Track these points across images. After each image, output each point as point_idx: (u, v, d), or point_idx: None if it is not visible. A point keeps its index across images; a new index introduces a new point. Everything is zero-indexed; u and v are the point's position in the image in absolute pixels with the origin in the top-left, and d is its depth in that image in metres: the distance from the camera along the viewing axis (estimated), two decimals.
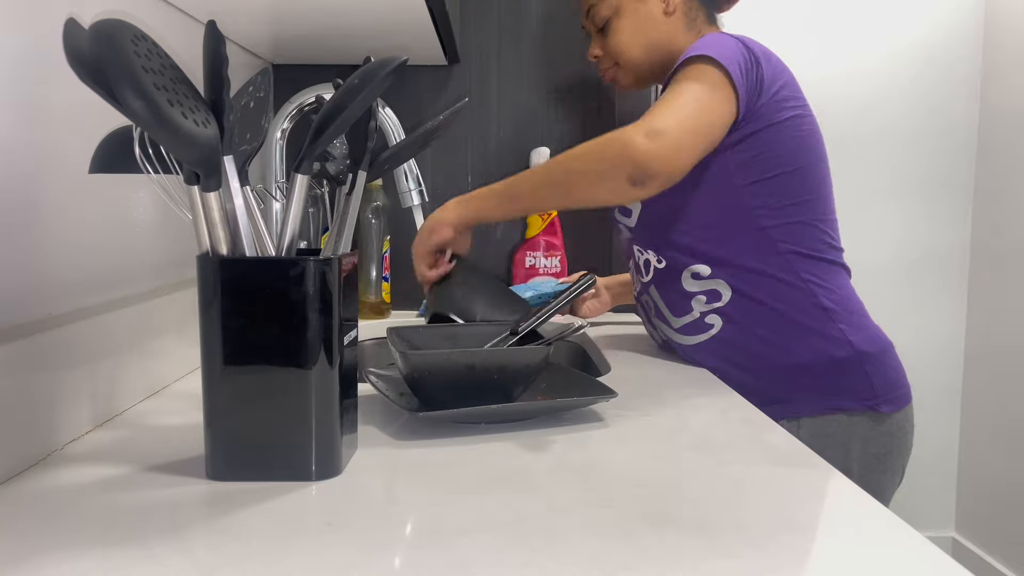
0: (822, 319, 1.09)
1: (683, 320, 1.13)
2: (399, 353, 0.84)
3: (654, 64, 1.20)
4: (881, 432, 1.10)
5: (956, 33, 2.23)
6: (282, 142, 1.39)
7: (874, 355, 1.11)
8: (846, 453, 1.09)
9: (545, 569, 0.52)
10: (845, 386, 1.09)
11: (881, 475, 1.11)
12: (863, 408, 1.09)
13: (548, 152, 1.61)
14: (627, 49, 1.20)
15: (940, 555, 0.54)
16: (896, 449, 1.12)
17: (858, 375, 1.09)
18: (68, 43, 0.59)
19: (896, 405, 1.11)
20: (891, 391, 1.11)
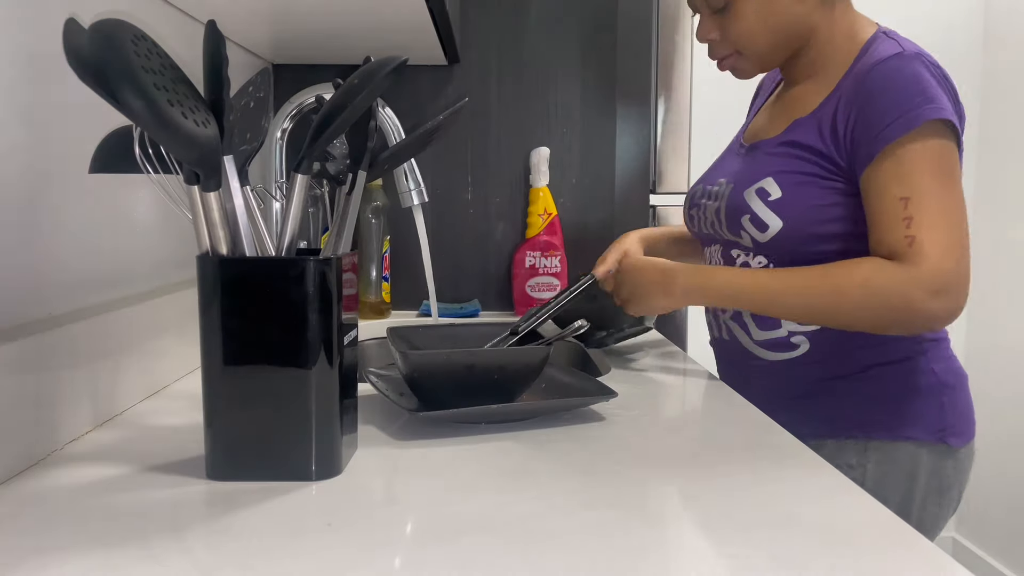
0: (913, 349, 1.05)
1: (767, 335, 1.07)
2: (399, 353, 0.84)
3: (783, 50, 1.08)
4: (946, 465, 1.05)
5: (956, 33, 2.23)
6: (282, 142, 1.39)
7: (952, 387, 1.06)
8: (911, 483, 1.04)
9: (545, 569, 0.52)
10: (920, 415, 1.04)
11: (938, 508, 1.07)
12: (933, 440, 1.04)
13: (548, 152, 1.61)
14: (755, 37, 1.05)
15: (940, 555, 0.54)
16: (957, 483, 1.08)
17: (934, 406, 1.05)
18: (68, 43, 0.59)
19: (964, 439, 1.07)
20: (961, 424, 1.07)
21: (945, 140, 0.95)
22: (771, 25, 1.05)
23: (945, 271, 0.92)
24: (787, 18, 1.05)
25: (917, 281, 0.92)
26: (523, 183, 1.65)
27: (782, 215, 1.02)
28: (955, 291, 0.93)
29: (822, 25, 1.06)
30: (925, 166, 0.94)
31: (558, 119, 1.65)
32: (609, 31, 1.62)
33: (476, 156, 1.64)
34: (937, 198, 0.94)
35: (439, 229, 1.63)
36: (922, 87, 0.95)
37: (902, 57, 0.98)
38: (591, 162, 1.65)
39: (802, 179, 1.02)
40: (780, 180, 1.03)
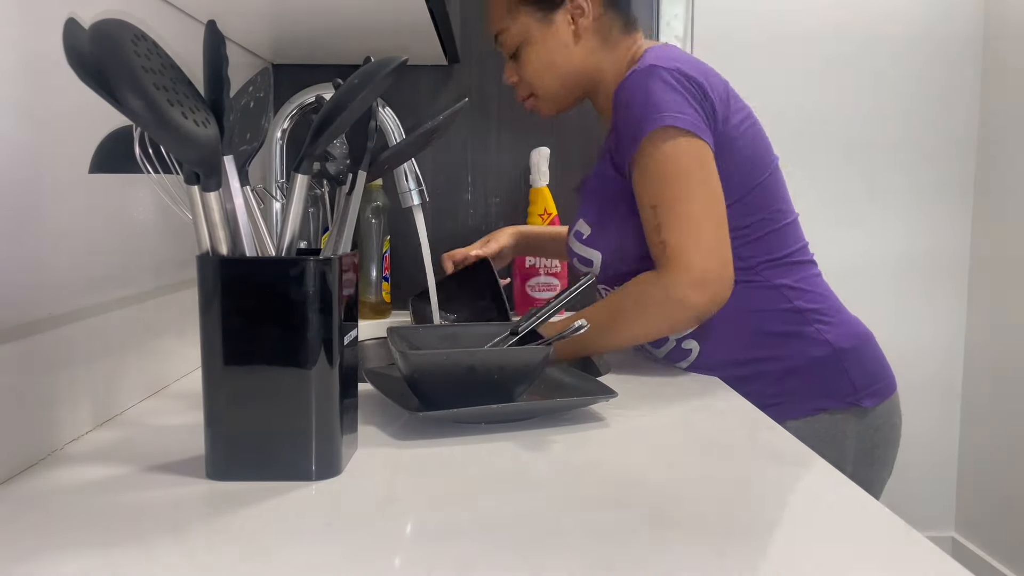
0: (798, 321, 1.08)
1: (663, 350, 1.12)
2: (399, 353, 0.84)
3: (574, 91, 1.15)
4: (866, 427, 1.09)
5: (956, 33, 2.23)
6: (282, 142, 1.39)
7: (851, 350, 1.09)
8: (838, 452, 1.07)
9: (545, 569, 0.52)
10: (826, 385, 1.08)
11: (869, 469, 1.10)
12: (845, 405, 1.08)
13: (548, 152, 1.61)
14: (541, 80, 1.14)
15: (940, 555, 0.54)
16: (883, 442, 1.11)
17: (836, 372, 1.08)
18: (68, 43, 0.59)
19: (878, 397, 1.10)
20: (871, 384, 1.10)
21: (680, 142, 0.99)
22: (554, 68, 1.13)
23: (695, 266, 0.98)
24: (567, 61, 1.12)
25: (675, 282, 0.99)
26: (523, 183, 1.65)
27: (598, 248, 1.10)
28: (712, 281, 0.99)
29: (606, 64, 1.13)
30: (661, 171, 1.00)
31: (558, 119, 1.65)
32: None
33: (476, 156, 1.64)
34: (678, 199, 0.99)
35: (439, 229, 1.63)
36: (646, 98, 1.00)
37: (635, 73, 1.03)
38: (591, 162, 1.65)
39: (606, 210, 1.10)
40: (589, 219, 1.12)
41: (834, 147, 2.22)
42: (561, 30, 1.11)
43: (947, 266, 2.31)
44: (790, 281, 1.09)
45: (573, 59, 1.12)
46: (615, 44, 1.13)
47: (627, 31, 1.14)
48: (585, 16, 1.10)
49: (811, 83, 2.19)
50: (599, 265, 1.11)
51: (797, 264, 1.11)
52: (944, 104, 2.25)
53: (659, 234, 1.00)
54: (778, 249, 1.09)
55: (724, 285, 0.99)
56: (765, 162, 1.09)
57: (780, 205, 1.10)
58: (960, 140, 2.28)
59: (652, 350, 1.14)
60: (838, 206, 2.21)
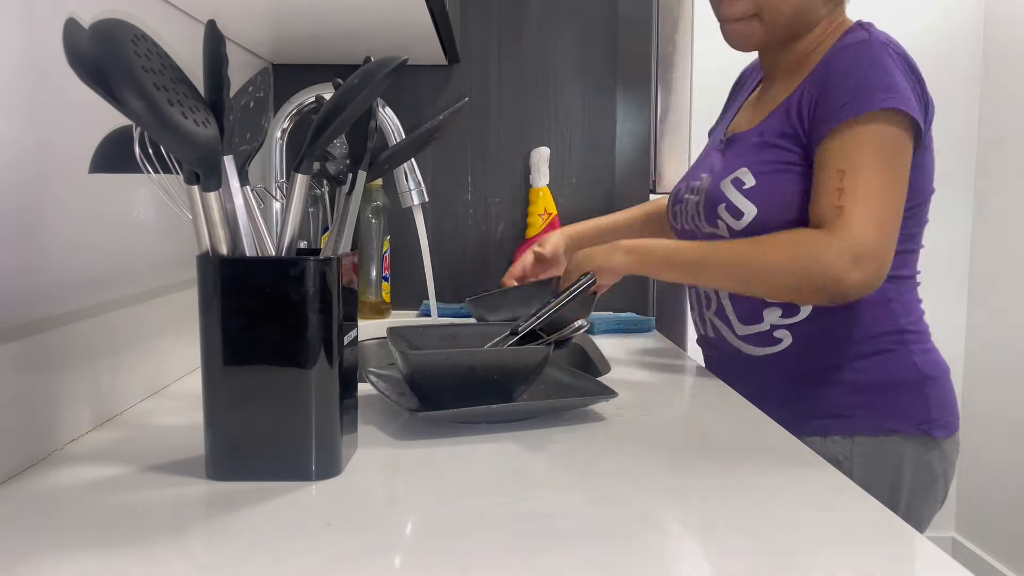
0: (896, 340, 1.06)
1: (750, 329, 1.08)
2: (399, 353, 0.84)
3: (794, 27, 1.08)
4: (932, 458, 1.06)
5: (956, 33, 2.23)
6: (282, 142, 1.38)
7: (935, 379, 1.07)
8: (898, 477, 1.05)
9: (545, 569, 0.52)
10: (904, 408, 1.05)
11: (924, 501, 1.07)
12: (917, 432, 1.05)
13: (548, 152, 1.61)
14: (781, 3, 1.06)
15: (940, 555, 0.54)
16: (943, 476, 1.08)
17: (918, 398, 1.06)
18: (68, 43, 0.59)
19: (948, 431, 1.08)
20: (944, 416, 1.07)
21: (896, 128, 0.97)
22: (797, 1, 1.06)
23: (865, 242, 0.94)
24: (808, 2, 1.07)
25: (837, 248, 0.94)
26: (523, 183, 1.65)
27: (756, 202, 1.04)
28: (874, 262, 0.95)
29: (823, 20, 1.08)
30: (868, 145, 0.97)
31: (558, 119, 1.65)
32: (609, 31, 1.62)
33: (476, 156, 1.64)
34: (872, 174, 0.96)
35: (439, 229, 1.63)
36: (881, 73, 0.98)
37: (867, 43, 1.01)
38: (591, 162, 1.65)
39: (775, 167, 1.05)
40: (755, 169, 1.06)
41: None
42: None
43: (947, 266, 2.31)
44: (900, 299, 1.07)
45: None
46: (834, 5, 1.09)
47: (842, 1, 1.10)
48: None
49: None
50: (749, 220, 1.05)
51: (910, 281, 1.09)
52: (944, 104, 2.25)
53: (839, 199, 0.95)
54: (905, 267, 1.07)
55: (881, 271, 0.95)
56: (932, 177, 1.07)
57: (921, 229, 1.08)
58: (960, 140, 2.27)
59: (735, 323, 1.10)
60: None
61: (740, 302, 1.09)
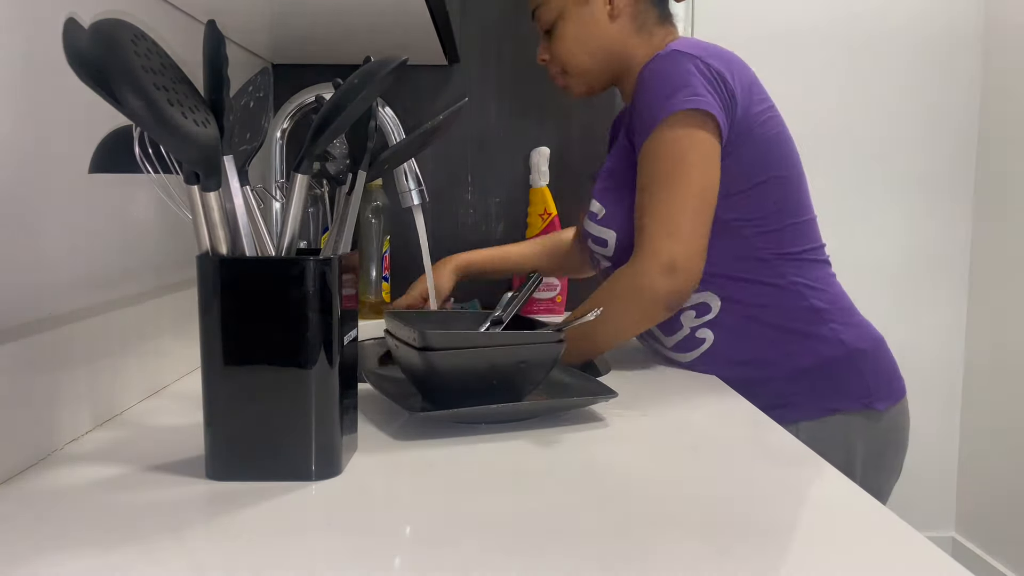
0: (814, 320, 1.08)
1: (675, 338, 1.11)
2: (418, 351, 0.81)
3: (604, 71, 1.15)
4: (879, 429, 1.09)
5: (956, 32, 2.23)
6: (282, 142, 1.38)
7: (867, 352, 1.10)
8: (848, 454, 1.07)
9: (545, 569, 0.52)
10: (840, 386, 1.08)
11: (879, 472, 1.10)
12: (859, 407, 1.08)
13: (548, 152, 1.61)
14: (573, 56, 1.14)
15: (940, 555, 0.54)
16: (894, 445, 1.11)
17: (852, 374, 1.09)
18: (68, 43, 0.59)
19: (891, 400, 1.10)
20: (885, 387, 1.10)
21: (686, 128, 1.00)
22: (589, 47, 1.13)
23: (664, 251, 0.99)
24: (602, 41, 1.12)
25: (644, 269, 1.00)
26: (523, 183, 1.65)
27: (612, 227, 1.10)
28: (679, 269, 0.99)
29: (638, 50, 1.13)
30: (657, 156, 1.02)
31: (558, 119, 1.65)
32: None
33: (476, 156, 1.64)
34: (664, 185, 1.00)
35: (439, 229, 1.63)
36: (665, 83, 1.02)
37: (657, 58, 1.04)
38: (591, 162, 1.65)
39: (619, 190, 1.10)
40: (601, 198, 1.11)
41: (834, 147, 2.23)
42: (597, 8, 1.12)
43: (947, 266, 2.31)
44: (806, 279, 1.09)
45: (606, 37, 1.12)
46: (650, 32, 1.13)
47: (662, 23, 1.14)
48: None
49: (811, 83, 2.19)
50: (614, 244, 1.10)
51: (813, 262, 1.11)
52: (944, 104, 2.25)
53: (640, 218, 1.02)
54: (793, 244, 1.09)
55: (691, 274, 1.00)
56: (784, 155, 1.09)
57: (798, 200, 1.10)
58: (960, 140, 2.27)
59: (663, 337, 1.13)
60: (838, 206, 2.21)
61: None
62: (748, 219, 1.06)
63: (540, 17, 1.16)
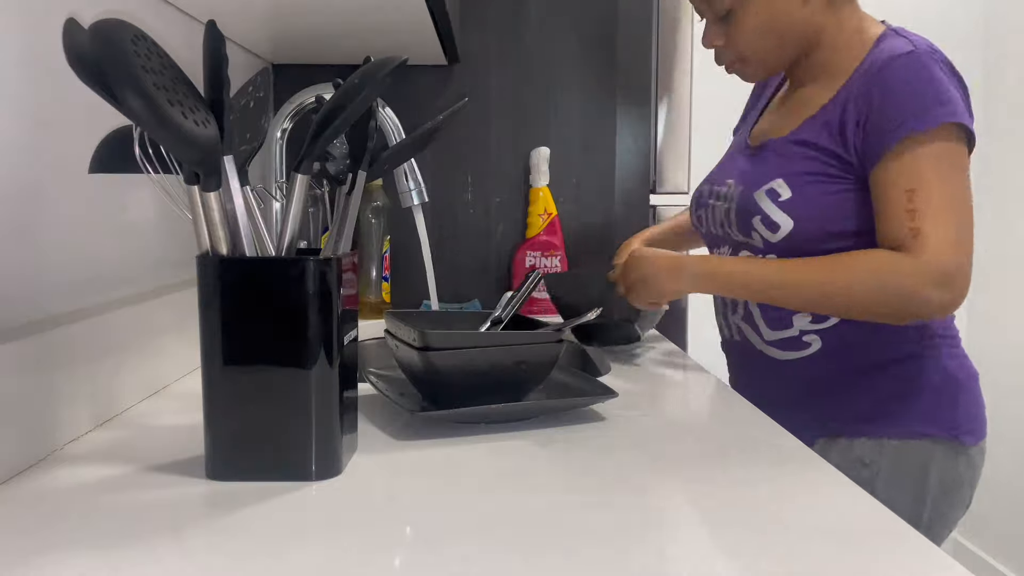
0: (927, 345, 1.05)
1: (778, 334, 1.07)
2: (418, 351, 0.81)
3: (789, 54, 1.07)
4: (958, 463, 1.05)
5: (956, 33, 2.23)
6: (282, 142, 1.38)
7: (964, 384, 1.06)
8: (923, 481, 1.04)
9: (545, 569, 0.52)
10: (933, 412, 1.04)
11: (949, 508, 1.06)
12: (946, 437, 1.04)
13: (548, 152, 1.61)
14: (758, 43, 1.05)
15: (940, 555, 0.54)
16: (968, 482, 1.07)
17: (947, 403, 1.05)
18: (68, 43, 0.59)
19: (976, 437, 1.07)
20: (973, 422, 1.07)
21: (956, 143, 0.96)
22: (775, 31, 1.05)
23: (947, 263, 0.93)
24: (790, 23, 1.04)
25: (920, 271, 0.93)
26: (523, 183, 1.65)
27: (793, 215, 1.02)
28: (957, 283, 0.94)
29: (829, 26, 1.05)
30: (933, 162, 0.95)
31: (558, 119, 1.65)
32: (609, 31, 1.62)
33: (476, 156, 1.64)
34: (942, 192, 0.95)
35: (439, 229, 1.63)
36: (936, 87, 0.96)
37: (915, 55, 0.98)
38: (591, 162, 1.65)
39: (812, 178, 1.02)
40: (790, 181, 1.03)
41: None
42: None
43: None
44: None
45: (797, 20, 1.04)
46: (839, 7, 1.05)
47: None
48: None
49: None
50: (786, 233, 1.02)
51: None
52: None
53: (912, 220, 0.94)
54: None
55: (964, 290, 0.94)
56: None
57: None
58: None
59: (763, 328, 1.08)
60: None
61: (769, 307, 1.07)
62: None
63: (714, 3, 1.05)
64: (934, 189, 0.94)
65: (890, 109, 0.97)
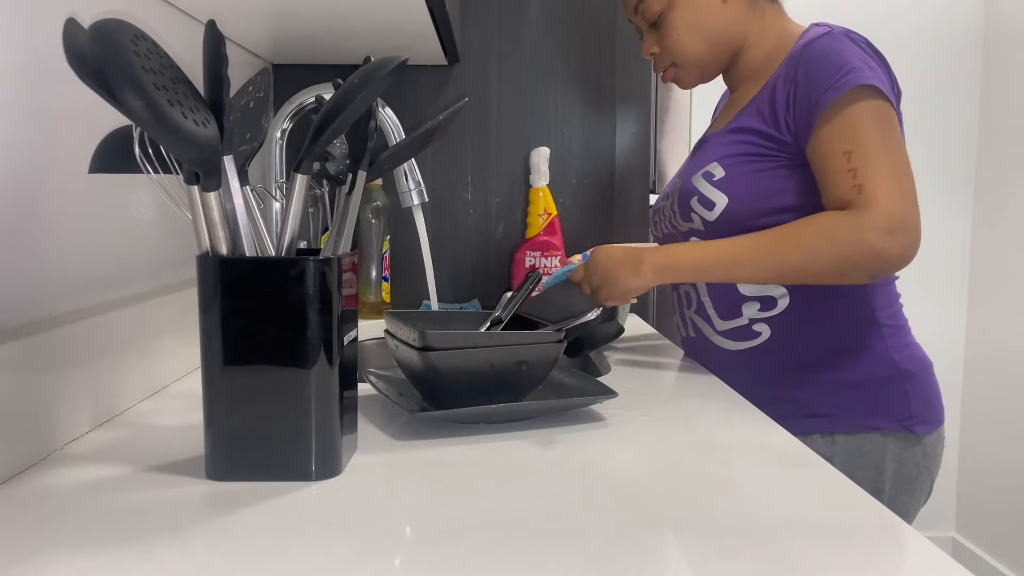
0: (872, 334, 1.06)
1: (729, 324, 1.09)
2: (418, 351, 0.81)
3: (719, 57, 1.12)
4: (914, 453, 1.07)
5: (956, 33, 2.23)
6: (282, 142, 1.39)
7: (915, 374, 1.08)
8: (879, 474, 1.05)
9: (545, 569, 0.52)
10: (883, 405, 1.06)
11: (909, 497, 1.08)
12: (898, 428, 1.06)
13: (548, 152, 1.61)
14: (687, 45, 1.10)
15: (940, 555, 0.54)
16: (926, 471, 1.09)
17: (897, 394, 1.06)
18: (68, 43, 0.59)
19: (930, 426, 1.08)
20: (927, 412, 1.08)
21: (877, 100, 0.99)
22: (702, 35, 1.10)
23: (896, 211, 0.95)
24: (716, 27, 1.10)
25: (871, 223, 0.94)
26: (523, 183, 1.65)
27: (727, 191, 1.06)
28: (909, 229, 0.95)
29: (753, 30, 1.11)
30: (861, 122, 0.98)
31: (558, 119, 1.65)
32: (609, 31, 1.62)
33: (476, 156, 1.64)
34: (877, 148, 0.97)
35: (439, 229, 1.63)
36: (847, 56, 1.00)
37: (831, 35, 1.03)
38: (591, 162, 1.65)
39: (745, 159, 1.06)
40: (724, 162, 1.08)
41: None
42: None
43: (947, 265, 2.31)
44: (881, 292, 1.07)
45: (721, 21, 1.09)
46: (762, 11, 1.11)
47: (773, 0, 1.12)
48: None
49: None
50: (720, 210, 1.06)
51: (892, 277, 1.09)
52: (944, 104, 2.25)
53: (854, 178, 0.96)
54: None
55: (916, 238, 0.96)
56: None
57: None
58: (960, 140, 2.27)
59: (715, 319, 1.10)
60: None
61: (719, 297, 1.10)
62: None
63: (646, 10, 1.11)
64: (869, 146, 0.97)
65: (812, 82, 1.00)
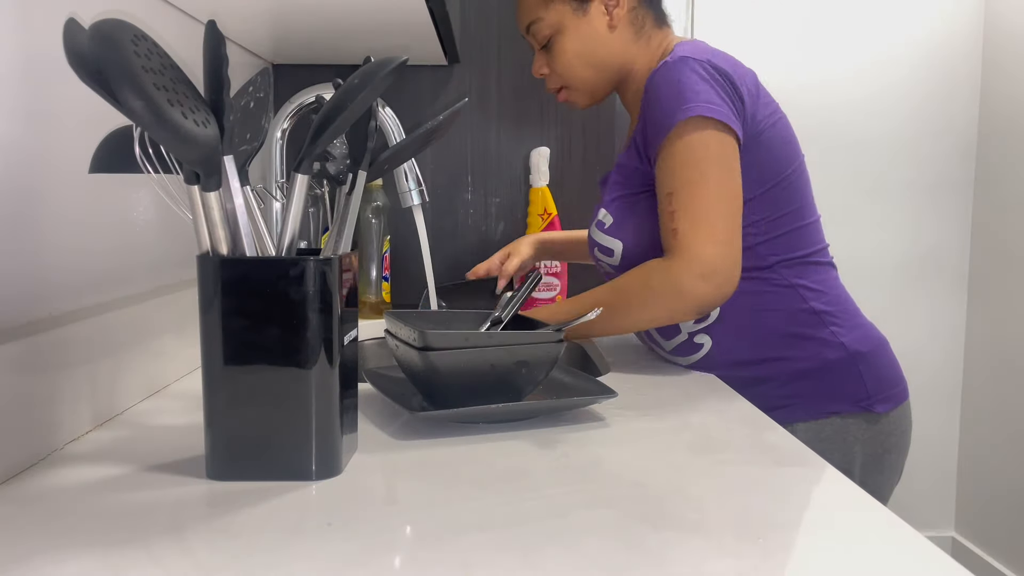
0: (815, 323, 1.08)
1: (673, 342, 1.11)
2: (418, 351, 0.82)
3: (607, 81, 1.15)
4: (877, 432, 1.09)
5: (956, 33, 2.23)
6: (282, 142, 1.39)
7: (867, 354, 1.09)
8: (845, 456, 1.07)
9: (545, 569, 0.52)
10: (838, 389, 1.08)
11: (879, 475, 1.10)
12: (857, 410, 1.08)
13: (548, 152, 1.61)
14: (575, 70, 1.13)
15: (940, 555, 0.54)
16: (894, 448, 1.11)
17: (851, 376, 1.08)
18: (68, 43, 0.59)
19: (891, 403, 1.10)
20: (885, 390, 1.10)
21: (708, 132, 1.00)
22: (588, 62, 1.12)
23: (707, 256, 0.98)
24: (603, 54, 1.12)
25: (682, 270, 0.99)
26: (523, 183, 1.65)
27: (619, 236, 1.10)
28: (718, 274, 0.98)
29: (639, 56, 1.13)
30: (686, 160, 1.00)
31: (558, 119, 1.65)
32: None
33: (476, 156, 1.64)
34: (697, 186, 0.99)
35: (439, 229, 1.63)
36: (679, 88, 1.01)
37: (666, 66, 1.03)
38: (591, 162, 1.65)
39: (628, 200, 1.10)
40: (610, 208, 1.11)
41: (834, 147, 2.22)
42: (595, 19, 1.11)
43: (947, 266, 2.31)
44: (808, 282, 1.09)
45: (607, 48, 1.12)
46: (648, 37, 1.13)
47: (659, 25, 1.14)
48: (620, 7, 1.11)
49: (811, 83, 2.19)
50: (620, 254, 1.10)
51: (816, 265, 1.11)
52: (944, 104, 2.25)
53: (672, 221, 1.00)
54: (797, 248, 1.09)
55: (730, 279, 0.99)
56: (790, 158, 1.09)
57: (802, 203, 1.10)
58: (960, 140, 2.27)
59: (661, 341, 1.13)
60: (838, 205, 2.21)
61: None
62: (756, 225, 1.06)
63: (536, 33, 1.14)
64: (686, 187, 0.99)
65: (653, 117, 1.03)
